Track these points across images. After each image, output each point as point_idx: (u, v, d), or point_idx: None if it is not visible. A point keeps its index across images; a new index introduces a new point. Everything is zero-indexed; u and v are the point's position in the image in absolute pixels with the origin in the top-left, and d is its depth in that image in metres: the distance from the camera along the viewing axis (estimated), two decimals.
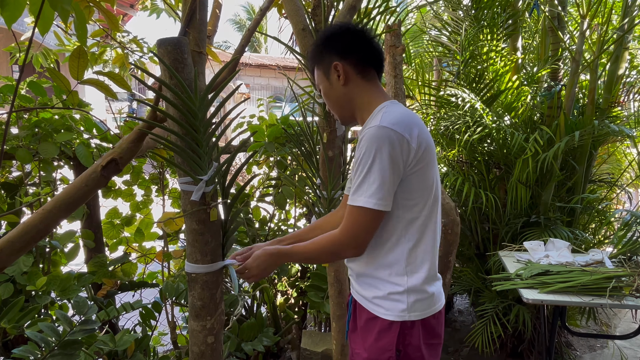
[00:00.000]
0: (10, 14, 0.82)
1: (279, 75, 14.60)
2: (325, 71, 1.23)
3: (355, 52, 1.21)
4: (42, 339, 1.42)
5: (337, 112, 1.28)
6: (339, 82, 1.21)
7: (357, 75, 1.21)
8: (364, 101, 1.22)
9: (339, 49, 1.21)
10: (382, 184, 1.08)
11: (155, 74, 1.11)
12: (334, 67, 1.20)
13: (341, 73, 1.20)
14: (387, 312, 1.18)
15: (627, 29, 2.63)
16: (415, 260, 1.17)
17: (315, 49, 1.26)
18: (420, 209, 1.16)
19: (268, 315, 2.63)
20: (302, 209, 2.80)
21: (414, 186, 1.13)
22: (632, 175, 3.55)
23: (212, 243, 1.21)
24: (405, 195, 1.14)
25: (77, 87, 1.28)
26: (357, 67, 1.21)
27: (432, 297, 1.20)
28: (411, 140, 1.09)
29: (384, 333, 1.18)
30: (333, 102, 1.26)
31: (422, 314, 1.18)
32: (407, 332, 1.18)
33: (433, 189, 1.18)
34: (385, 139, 1.07)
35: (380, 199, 1.08)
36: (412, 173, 1.12)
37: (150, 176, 2.38)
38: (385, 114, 1.13)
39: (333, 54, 1.21)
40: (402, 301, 1.16)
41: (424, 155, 1.12)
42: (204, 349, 1.25)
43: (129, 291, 2.16)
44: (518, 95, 2.89)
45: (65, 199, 1.02)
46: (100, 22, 2.38)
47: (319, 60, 1.25)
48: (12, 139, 1.87)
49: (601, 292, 1.83)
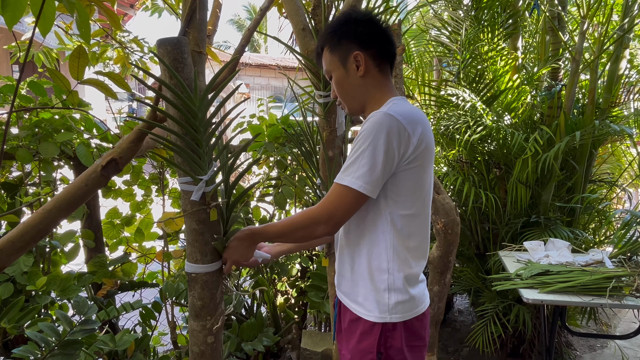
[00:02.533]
0: (11, 14, 0.82)
1: (279, 75, 14.60)
2: (342, 58, 1.17)
3: (376, 44, 1.17)
4: (42, 339, 1.42)
5: (347, 102, 1.22)
6: (357, 72, 1.16)
7: (375, 68, 1.17)
8: (376, 95, 1.19)
9: (361, 38, 1.15)
10: (372, 168, 1.05)
11: (155, 74, 1.11)
12: (354, 56, 1.15)
13: (362, 64, 1.15)
14: (369, 313, 1.16)
15: (627, 29, 2.63)
16: (398, 258, 1.14)
17: (332, 32, 1.19)
18: (409, 206, 1.13)
19: (268, 315, 2.63)
20: (302, 209, 2.80)
21: (405, 182, 1.11)
22: (632, 175, 3.55)
23: (211, 243, 1.21)
24: (394, 190, 1.12)
25: (77, 87, 1.28)
26: (375, 60, 1.17)
27: (414, 299, 1.17)
28: (413, 135, 1.07)
29: (365, 335, 1.17)
30: (346, 91, 1.21)
31: (403, 315, 1.15)
32: (388, 335, 1.16)
33: (424, 189, 1.16)
34: (386, 126, 1.05)
35: (367, 182, 1.06)
36: (406, 169, 1.10)
37: (150, 176, 2.38)
38: (394, 104, 1.12)
39: (354, 43, 1.15)
40: (383, 302, 1.14)
41: (422, 155, 1.10)
42: (204, 349, 1.25)
43: (129, 291, 2.16)
44: (518, 95, 2.89)
45: (65, 198, 1.02)
46: (101, 21, 2.38)
47: (335, 44, 1.18)
48: (12, 139, 1.87)
49: (601, 292, 1.83)
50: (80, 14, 1.00)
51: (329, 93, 1.54)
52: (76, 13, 1.01)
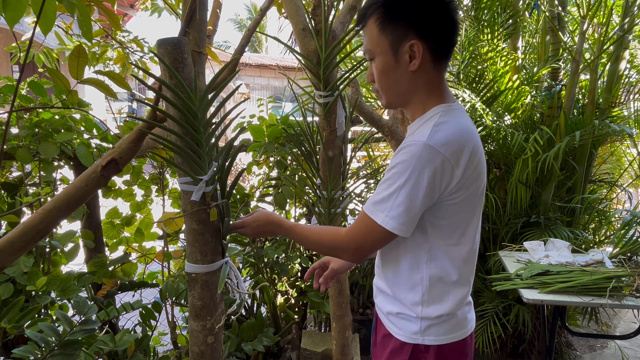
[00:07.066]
0: (12, 13, 0.82)
1: (279, 75, 14.61)
2: (394, 43, 0.98)
3: (439, 36, 0.98)
4: (42, 339, 1.42)
5: (388, 95, 1.05)
6: (408, 65, 0.99)
7: (431, 63, 1.00)
8: (423, 96, 1.03)
9: (425, 23, 0.96)
10: (408, 209, 0.95)
11: (155, 74, 1.11)
12: (409, 45, 0.96)
13: (417, 57, 0.97)
14: (400, 332, 1.10)
15: (627, 29, 2.63)
16: (437, 291, 1.05)
17: (387, 6, 0.98)
18: (449, 236, 1.03)
19: (268, 315, 2.63)
20: (302, 209, 2.80)
21: (447, 212, 1.00)
22: (632, 175, 3.55)
23: (212, 243, 1.21)
24: (434, 219, 1.01)
25: (77, 86, 1.28)
26: (432, 54, 0.99)
27: (449, 323, 1.07)
28: (457, 166, 0.94)
29: (395, 353, 1.11)
30: (389, 83, 1.03)
31: (438, 339, 1.07)
32: (420, 356, 1.08)
33: (475, 216, 1.05)
34: (427, 162, 0.92)
35: (402, 224, 0.96)
36: (448, 200, 0.99)
37: (150, 176, 2.38)
38: (436, 129, 0.95)
39: (414, 28, 0.96)
40: (415, 323, 1.07)
41: (469, 182, 0.98)
42: (204, 349, 1.25)
43: (129, 291, 2.16)
44: (518, 95, 2.89)
45: (65, 199, 1.02)
46: (101, 22, 2.38)
47: (388, 21, 0.98)
48: (12, 139, 1.87)
49: (601, 292, 1.83)
50: (81, 13, 1.01)
51: (329, 93, 1.54)
52: (77, 12, 1.01)
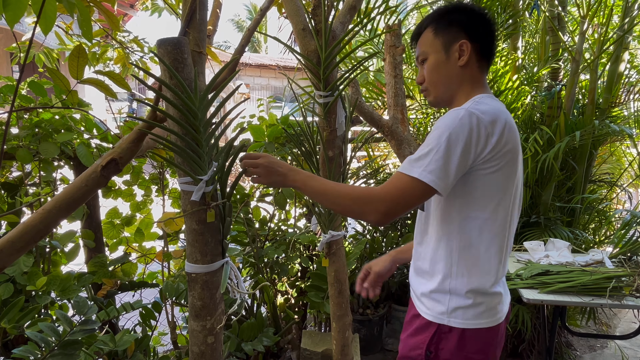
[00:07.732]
0: (12, 13, 0.82)
1: (279, 75, 14.61)
2: (446, 43, 1.14)
3: (484, 40, 1.15)
4: (42, 339, 1.42)
5: (437, 89, 1.18)
6: (457, 61, 1.14)
7: (476, 62, 1.16)
8: (467, 89, 1.16)
9: (473, 28, 1.14)
10: (446, 165, 1.00)
11: (155, 74, 1.11)
12: (460, 44, 1.13)
13: (466, 54, 1.13)
14: (427, 311, 1.16)
15: (627, 29, 2.63)
16: (464, 263, 1.10)
17: (443, 14, 1.17)
18: (482, 208, 1.07)
19: (268, 315, 2.63)
20: (302, 209, 2.80)
21: (480, 181, 1.06)
22: (632, 175, 3.55)
23: (211, 243, 1.21)
24: (467, 190, 1.06)
25: (77, 86, 1.28)
26: (477, 54, 1.15)
27: (478, 308, 1.11)
28: (492, 134, 1.02)
29: (420, 330, 1.17)
30: (440, 77, 1.17)
31: (464, 322, 1.10)
32: (442, 336, 1.13)
33: (504, 192, 1.08)
34: (466, 124, 1.00)
35: (439, 177, 1.00)
36: (482, 169, 1.04)
37: (150, 176, 2.38)
38: (477, 102, 1.08)
39: (464, 31, 1.14)
40: (443, 304, 1.12)
41: (503, 156, 1.04)
42: (204, 349, 1.25)
43: (129, 291, 2.16)
44: (518, 95, 2.90)
45: (65, 199, 1.02)
46: (101, 22, 2.38)
47: (442, 27, 1.15)
48: (12, 139, 1.87)
49: (601, 292, 1.83)
50: (81, 14, 1.01)
51: (329, 93, 1.54)
52: (77, 13, 1.01)
